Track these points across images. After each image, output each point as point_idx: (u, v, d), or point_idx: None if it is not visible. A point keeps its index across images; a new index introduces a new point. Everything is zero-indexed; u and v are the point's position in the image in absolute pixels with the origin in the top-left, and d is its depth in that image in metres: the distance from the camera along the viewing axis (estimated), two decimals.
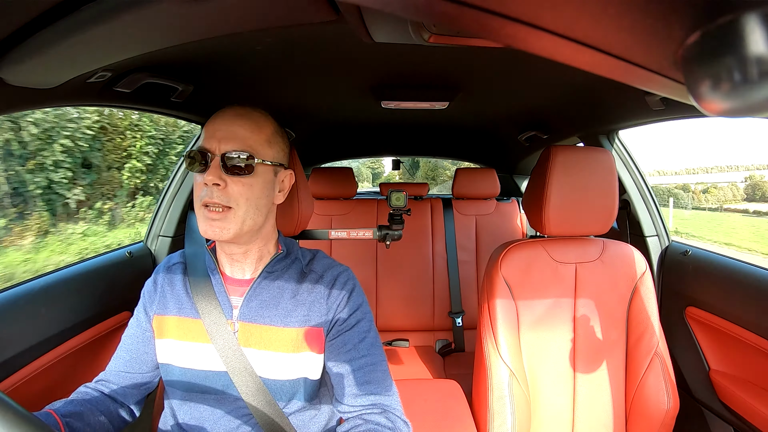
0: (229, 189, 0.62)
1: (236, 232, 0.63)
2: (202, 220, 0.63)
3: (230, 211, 0.62)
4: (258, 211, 0.65)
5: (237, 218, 0.62)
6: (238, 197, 0.63)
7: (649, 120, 1.16)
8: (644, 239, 1.31)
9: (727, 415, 1.03)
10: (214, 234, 0.62)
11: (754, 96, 0.15)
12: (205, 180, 0.61)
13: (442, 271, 1.82)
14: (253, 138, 0.65)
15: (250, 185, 0.63)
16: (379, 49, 0.78)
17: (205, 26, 0.50)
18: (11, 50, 0.48)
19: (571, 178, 0.94)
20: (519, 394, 0.89)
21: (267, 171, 0.67)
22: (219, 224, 0.62)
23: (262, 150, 0.65)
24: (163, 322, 0.70)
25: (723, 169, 56.09)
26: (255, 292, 0.69)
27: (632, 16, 0.16)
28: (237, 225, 0.63)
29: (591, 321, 0.96)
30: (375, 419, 0.64)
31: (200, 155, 0.63)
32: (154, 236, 1.28)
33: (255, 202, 0.64)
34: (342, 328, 0.69)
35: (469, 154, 2.53)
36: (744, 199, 35.51)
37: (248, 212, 0.64)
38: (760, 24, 0.14)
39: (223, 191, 0.62)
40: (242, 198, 0.63)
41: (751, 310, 0.97)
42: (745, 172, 42.67)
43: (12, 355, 0.77)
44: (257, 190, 0.65)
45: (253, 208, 0.64)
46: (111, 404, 0.69)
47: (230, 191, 0.62)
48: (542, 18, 0.17)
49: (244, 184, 0.63)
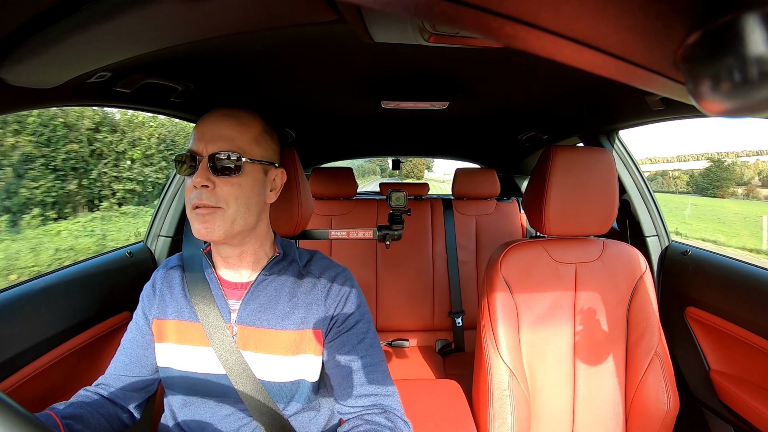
0: (218, 190, 0.62)
1: (226, 232, 0.63)
2: (194, 221, 0.63)
3: (219, 211, 0.62)
4: (248, 211, 0.65)
5: (226, 218, 0.62)
6: (228, 197, 0.63)
7: (649, 120, 1.16)
8: (644, 239, 1.31)
9: (727, 415, 1.03)
10: (204, 234, 0.62)
11: (754, 96, 0.15)
12: (194, 182, 0.61)
13: (442, 271, 1.82)
14: (240, 137, 0.65)
15: (239, 185, 0.63)
16: (379, 49, 0.78)
17: (205, 26, 0.50)
18: (11, 50, 0.48)
19: (571, 178, 0.94)
20: (519, 394, 0.89)
21: (256, 170, 0.66)
22: (209, 224, 0.62)
23: (249, 149, 0.65)
24: (163, 325, 0.70)
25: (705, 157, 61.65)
26: (252, 295, 0.69)
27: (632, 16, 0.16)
28: (227, 224, 0.63)
29: (591, 321, 0.96)
30: (375, 419, 0.64)
31: (189, 158, 0.63)
32: (154, 236, 1.28)
33: (245, 202, 0.64)
34: (340, 330, 0.69)
35: (469, 154, 2.53)
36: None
37: (238, 211, 0.63)
38: (760, 24, 0.14)
39: (212, 192, 0.62)
40: (231, 198, 0.63)
41: (751, 310, 0.97)
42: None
43: (12, 355, 0.77)
44: (247, 190, 0.64)
45: (243, 208, 0.64)
46: (111, 407, 0.69)
47: (219, 192, 0.62)
48: (542, 18, 0.17)
49: (233, 184, 0.63)
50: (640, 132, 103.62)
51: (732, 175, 39.96)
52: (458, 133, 1.85)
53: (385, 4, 0.16)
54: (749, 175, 44.29)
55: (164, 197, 1.29)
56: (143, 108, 0.94)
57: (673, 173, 49.58)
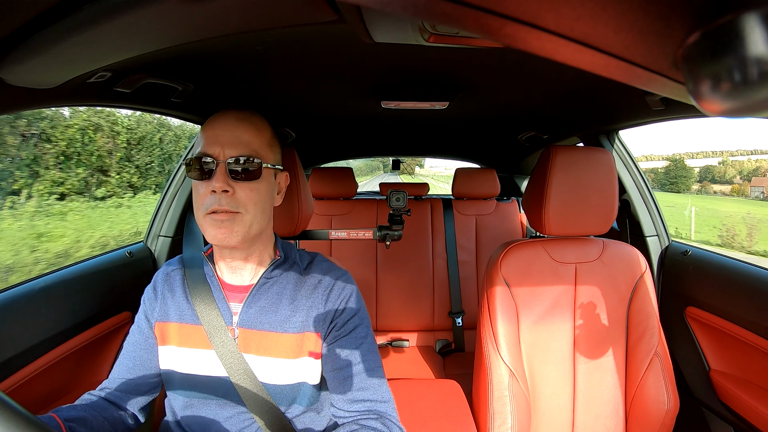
0: (237, 195, 0.61)
1: (244, 237, 0.62)
2: (210, 226, 0.61)
3: (238, 216, 0.61)
4: (264, 215, 0.65)
5: (245, 223, 0.62)
6: (247, 202, 0.62)
7: (649, 120, 1.16)
8: (644, 239, 1.31)
9: (727, 415, 1.03)
10: (222, 239, 0.61)
11: (754, 96, 0.15)
12: (214, 187, 0.60)
13: (442, 271, 1.82)
14: (256, 142, 0.64)
15: (257, 190, 0.63)
16: (379, 49, 0.78)
17: (205, 26, 0.50)
18: (11, 50, 0.48)
19: (571, 178, 0.94)
20: (519, 394, 0.89)
21: (270, 174, 0.67)
22: (227, 229, 0.61)
23: (265, 154, 0.65)
24: (165, 328, 0.70)
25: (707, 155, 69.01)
26: (254, 298, 0.69)
27: (632, 16, 0.16)
28: (245, 229, 0.62)
29: (591, 321, 0.96)
30: (371, 425, 0.64)
31: (202, 162, 0.62)
32: (154, 236, 1.28)
33: (261, 206, 0.64)
34: (339, 334, 0.69)
35: (470, 154, 2.53)
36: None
37: (255, 216, 0.63)
38: (760, 24, 0.14)
39: (231, 197, 0.61)
40: (251, 203, 0.62)
41: (751, 310, 0.97)
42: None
43: (12, 355, 0.77)
44: (263, 194, 0.64)
45: (260, 212, 0.64)
46: (114, 410, 0.69)
47: (238, 197, 0.61)
48: (542, 18, 0.17)
49: (252, 189, 0.62)
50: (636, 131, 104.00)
51: (688, 173, 48.25)
52: (458, 133, 1.85)
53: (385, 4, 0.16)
54: (731, 174, 50.37)
55: (164, 197, 1.29)
56: (143, 108, 0.94)
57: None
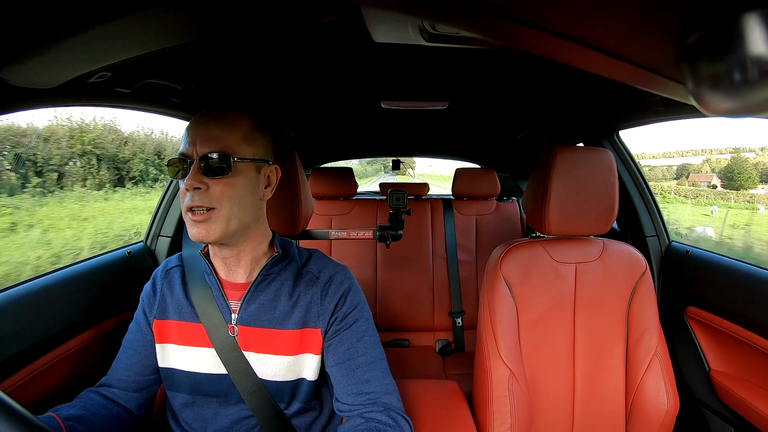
0: (210, 191, 0.62)
1: (222, 232, 0.63)
2: (189, 224, 0.63)
3: (214, 212, 0.62)
4: (243, 209, 0.65)
5: (221, 218, 0.62)
6: (221, 197, 0.62)
7: (649, 120, 1.17)
8: (644, 239, 1.31)
9: (727, 415, 1.03)
10: (200, 236, 0.62)
11: (754, 96, 0.15)
12: (186, 185, 0.61)
13: (442, 271, 1.82)
14: (229, 137, 0.65)
15: (231, 184, 0.63)
16: (379, 49, 0.78)
17: (205, 26, 0.50)
18: (11, 50, 0.48)
19: (571, 178, 0.93)
20: (519, 394, 0.89)
21: (248, 168, 0.66)
22: (204, 226, 0.62)
23: (239, 148, 0.65)
24: (164, 326, 0.70)
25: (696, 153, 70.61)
26: (252, 295, 0.69)
27: (632, 16, 0.16)
28: (222, 225, 0.62)
29: (591, 321, 0.96)
30: (377, 417, 0.64)
31: (180, 162, 0.63)
32: (154, 236, 1.28)
33: (239, 201, 0.64)
34: (339, 328, 0.69)
35: (469, 154, 2.54)
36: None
37: (232, 211, 0.63)
38: (760, 24, 0.14)
39: (205, 194, 0.62)
40: (225, 198, 0.63)
41: (751, 310, 0.97)
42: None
43: (12, 355, 0.77)
44: (240, 189, 0.64)
45: (237, 207, 0.64)
46: (114, 408, 0.69)
47: (212, 193, 0.62)
48: (542, 18, 0.17)
49: (225, 183, 0.63)
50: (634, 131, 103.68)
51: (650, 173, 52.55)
52: (458, 133, 1.85)
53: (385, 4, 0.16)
54: (705, 169, 58.11)
55: (164, 197, 1.29)
56: (143, 108, 0.94)
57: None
